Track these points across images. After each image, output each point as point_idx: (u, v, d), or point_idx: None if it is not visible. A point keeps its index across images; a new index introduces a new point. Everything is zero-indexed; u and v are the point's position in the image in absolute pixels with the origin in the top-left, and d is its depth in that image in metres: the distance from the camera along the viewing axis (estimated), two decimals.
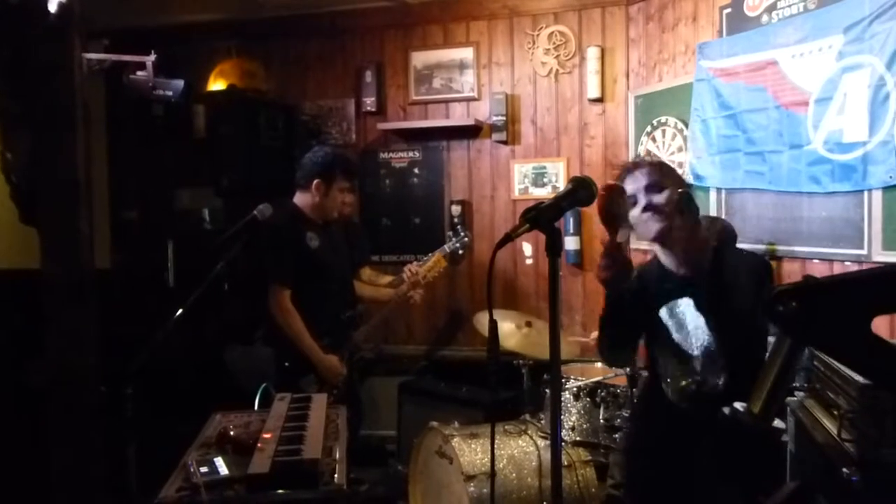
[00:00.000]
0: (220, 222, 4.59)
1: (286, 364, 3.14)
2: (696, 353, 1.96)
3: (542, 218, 1.32)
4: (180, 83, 3.50)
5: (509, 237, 1.32)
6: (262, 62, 4.69)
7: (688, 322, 1.99)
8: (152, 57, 3.41)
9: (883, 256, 2.85)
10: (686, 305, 1.98)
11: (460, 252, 4.05)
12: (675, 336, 1.99)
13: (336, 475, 1.52)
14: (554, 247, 1.32)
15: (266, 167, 4.34)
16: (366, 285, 3.59)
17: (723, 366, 1.90)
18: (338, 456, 1.63)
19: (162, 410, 3.45)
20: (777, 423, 1.28)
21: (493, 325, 1.34)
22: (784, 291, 0.97)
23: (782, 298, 0.97)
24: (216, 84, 4.62)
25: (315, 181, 3.16)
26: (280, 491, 1.44)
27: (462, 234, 4.07)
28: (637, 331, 2.10)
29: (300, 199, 3.24)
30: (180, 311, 2.69)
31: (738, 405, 1.11)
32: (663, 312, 2.01)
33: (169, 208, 4.69)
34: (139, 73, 3.45)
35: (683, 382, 1.97)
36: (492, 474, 1.90)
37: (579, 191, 1.41)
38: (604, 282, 1.82)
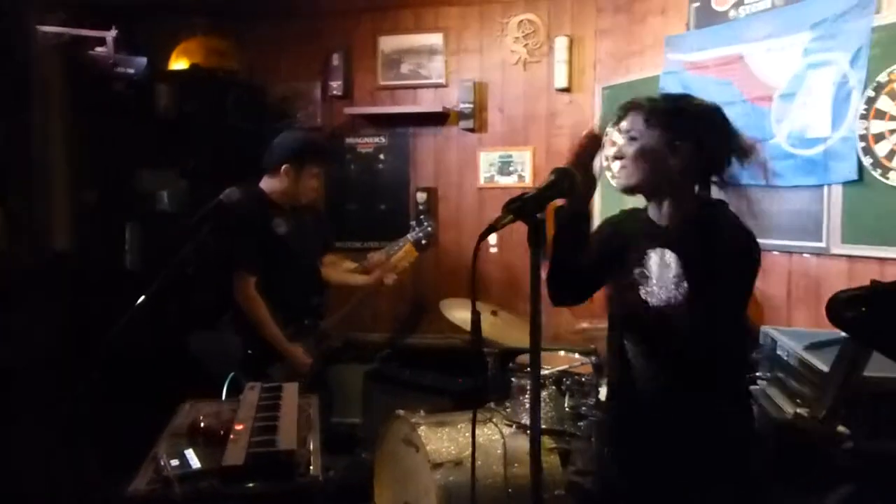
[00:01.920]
0: (182, 205, 4.50)
1: (250, 352, 3.09)
2: (662, 310, 1.77)
3: (525, 209, 1.31)
4: (143, 60, 3.41)
5: (493, 228, 1.31)
6: (228, 42, 4.57)
7: (660, 278, 1.80)
8: (113, 32, 3.32)
9: (841, 249, 2.94)
10: (662, 259, 1.80)
11: (423, 242, 4.03)
12: (641, 292, 1.82)
13: (312, 466, 1.50)
14: (536, 238, 1.32)
15: (232, 149, 4.25)
16: (334, 271, 3.54)
17: (689, 329, 1.73)
18: (312, 447, 1.60)
19: (125, 397, 3.38)
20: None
21: (476, 316, 1.33)
22: (854, 297, 0.96)
23: (851, 304, 0.96)
24: (179, 63, 4.50)
25: (285, 166, 3.09)
26: (255, 483, 1.42)
27: (425, 223, 4.05)
28: (600, 276, 1.94)
29: (267, 183, 3.17)
30: (143, 297, 2.61)
31: (802, 411, 1.09)
32: (636, 266, 1.85)
33: (130, 190, 4.56)
34: (99, 49, 3.35)
35: (643, 347, 1.82)
36: (472, 461, 1.87)
37: (562, 182, 1.41)
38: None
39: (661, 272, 1.77)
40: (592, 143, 1.70)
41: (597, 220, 2.54)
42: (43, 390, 3.09)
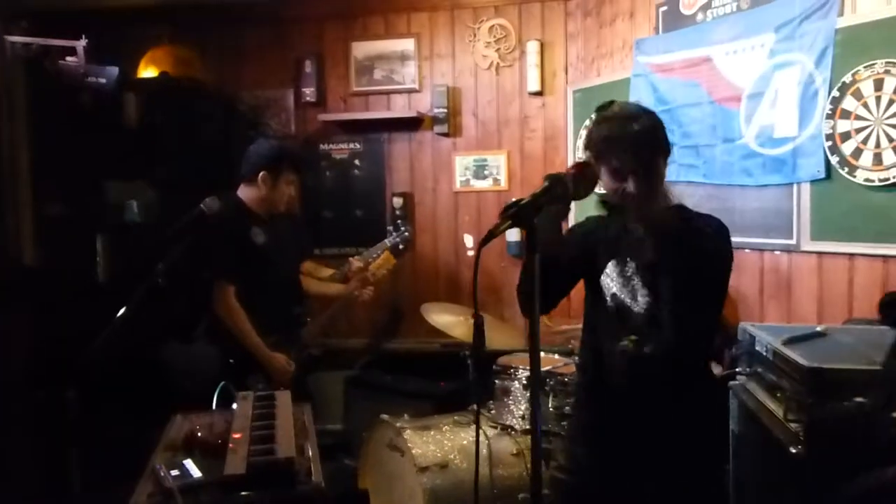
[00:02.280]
0: (152, 215, 4.45)
1: (231, 362, 3.07)
2: (640, 310, 1.89)
3: (521, 214, 1.34)
4: (114, 70, 3.37)
5: (492, 234, 1.33)
6: (197, 50, 4.54)
7: (635, 282, 1.92)
8: (83, 42, 3.27)
9: (811, 246, 3.02)
10: (636, 264, 1.91)
11: (401, 247, 4.06)
12: (620, 293, 1.93)
13: (312, 474, 1.51)
14: (532, 242, 1.34)
15: (202, 159, 4.21)
16: (312, 281, 3.54)
17: (667, 327, 1.84)
18: (310, 454, 1.61)
19: (100, 412, 3.33)
20: None
21: (479, 320, 1.35)
22: None
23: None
24: (147, 71, 4.45)
25: (262, 174, 3.08)
26: (257, 492, 1.42)
27: (402, 228, 4.08)
28: (569, 282, 2.03)
29: (244, 192, 3.16)
30: (125, 309, 2.58)
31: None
32: (610, 267, 1.95)
33: (98, 201, 4.50)
34: (69, 58, 3.30)
35: (625, 341, 1.89)
36: (475, 464, 1.91)
37: (555, 187, 1.45)
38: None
39: (637, 280, 1.88)
40: (586, 172, 1.72)
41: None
42: (15, 402, 3.04)
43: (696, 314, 1.82)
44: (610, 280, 1.98)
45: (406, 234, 4.05)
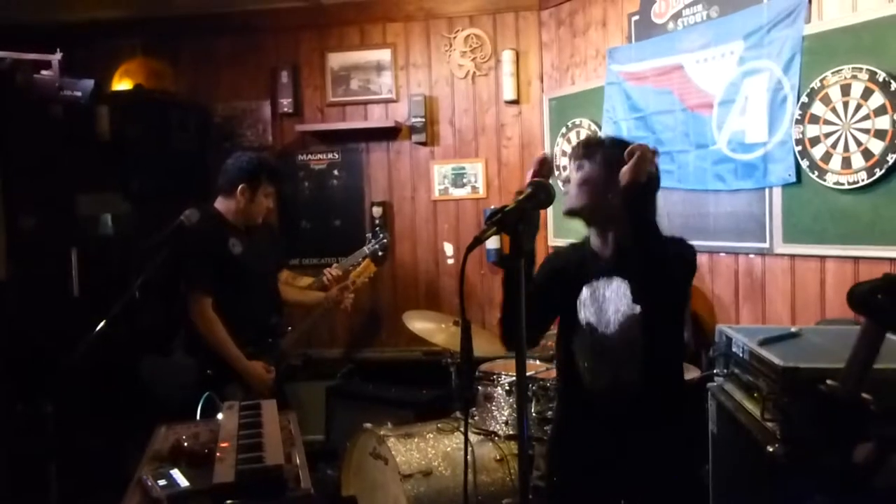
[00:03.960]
0: (126, 228, 4.41)
1: (209, 372, 3.05)
2: (614, 335, 1.95)
3: (506, 220, 1.36)
4: (90, 83, 3.35)
5: (479, 240, 1.36)
6: (171, 62, 4.52)
7: (608, 305, 1.98)
8: (58, 55, 3.25)
9: (783, 248, 3.08)
10: (608, 287, 1.97)
11: (380, 254, 4.09)
12: (593, 319, 1.99)
13: (301, 481, 1.51)
14: (516, 248, 1.37)
15: (178, 170, 4.20)
16: (291, 290, 3.54)
17: (642, 350, 1.91)
18: (298, 461, 1.62)
19: (77, 424, 3.29)
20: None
21: (466, 325, 1.37)
22: (872, 287, 1.25)
23: (874, 293, 1.25)
24: (121, 84, 4.43)
25: (240, 186, 3.09)
26: (247, 500, 1.42)
27: (381, 235, 4.13)
28: (550, 313, 2.09)
29: (222, 204, 3.16)
30: (103, 322, 2.57)
31: (832, 383, 1.28)
32: (584, 294, 2.01)
33: (70, 214, 4.45)
34: (44, 72, 3.28)
35: (599, 370, 1.98)
36: (465, 469, 1.92)
37: (539, 194, 1.47)
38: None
39: (612, 297, 1.95)
40: (546, 166, 1.87)
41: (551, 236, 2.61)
42: None
43: (664, 331, 1.92)
44: (583, 306, 2.03)
45: (384, 240, 4.09)
